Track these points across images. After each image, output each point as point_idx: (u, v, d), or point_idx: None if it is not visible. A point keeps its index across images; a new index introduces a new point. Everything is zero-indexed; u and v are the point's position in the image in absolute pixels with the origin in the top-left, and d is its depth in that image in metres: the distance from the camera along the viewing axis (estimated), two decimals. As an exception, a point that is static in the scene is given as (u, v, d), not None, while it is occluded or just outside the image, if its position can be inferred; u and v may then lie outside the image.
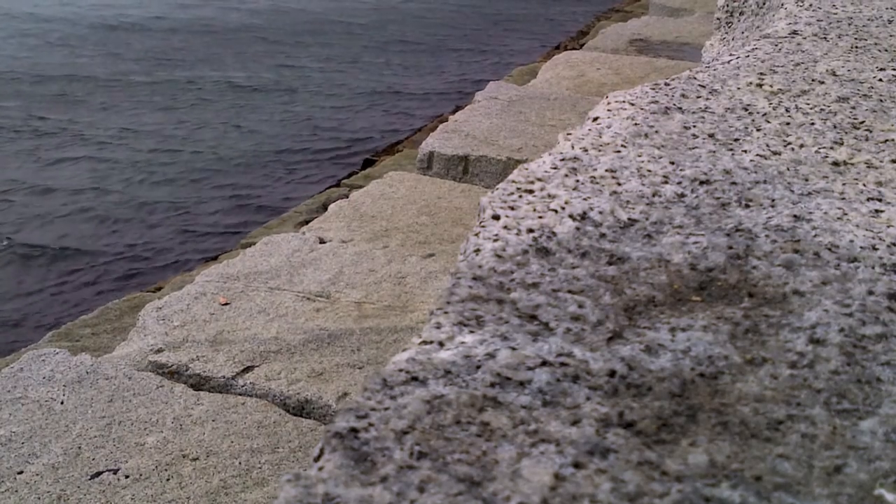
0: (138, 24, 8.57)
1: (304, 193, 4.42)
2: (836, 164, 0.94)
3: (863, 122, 1.07)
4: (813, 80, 1.22)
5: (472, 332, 0.60)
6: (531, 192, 0.82)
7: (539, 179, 0.85)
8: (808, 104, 1.12)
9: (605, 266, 0.70)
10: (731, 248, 0.74)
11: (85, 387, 2.11)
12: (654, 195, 0.83)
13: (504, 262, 0.69)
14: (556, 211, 0.78)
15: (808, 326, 0.63)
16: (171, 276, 3.30)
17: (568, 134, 0.98)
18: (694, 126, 1.02)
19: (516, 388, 0.54)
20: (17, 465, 1.86)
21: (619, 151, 0.93)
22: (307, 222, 3.26)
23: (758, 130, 1.02)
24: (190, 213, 4.36)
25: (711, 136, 1.00)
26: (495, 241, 0.72)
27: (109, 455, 1.89)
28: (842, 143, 0.99)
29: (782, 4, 1.73)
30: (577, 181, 0.85)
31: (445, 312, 0.62)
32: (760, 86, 1.18)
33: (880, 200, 0.85)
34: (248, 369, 2.22)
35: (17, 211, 4.34)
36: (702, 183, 0.86)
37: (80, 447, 1.91)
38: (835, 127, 1.04)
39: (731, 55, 1.36)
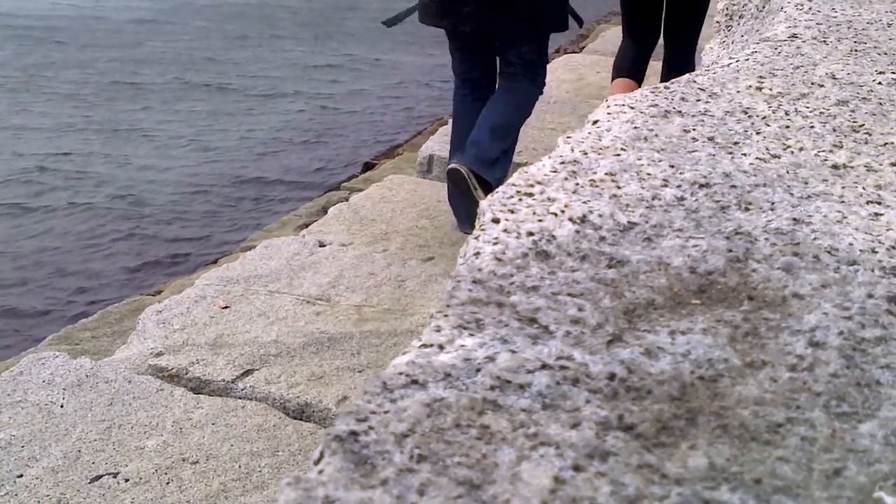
0: (101, 19, 8.57)
1: (303, 197, 4.42)
2: (835, 167, 0.94)
3: (862, 125, 1.07)
4: (812, 84, 1.22)
5: (471, 335, 0.60)
6: (531, 195, 0.82)
7: (539, 182, 0.85)
8: (808, 107, 1.12)
9: (605, 269, 0.70)
10: (730, 251, 0.74)
11: (85, 390, 2.11)
12: (653, 198, 0.83)
13: (504, 266, 0.69)
14: (555, 214, 0.78)
15: (808, 329, 0.63)
16: (172, 280, 3.31)
17: (567, 137, 0.98)
18: (693, 129, 1.02)
19: (516, 391, 0.54)
20: (16, 468, 1.86)
21: (618, 155, 0.93)
22: (307, 226, 3.27)
23: (757, 134, 1.02)
24: (190, 217, 4.37)
25: (711, 139, 1.00)
26: (495, 244, 0.73)
27: (109, 458, 1.89)
28: (841, 147, 1.00)
29: (782, 8, 1.73)
30: (577, 184, 0.85)
31: (445, 315, 0.62)
32: (760, 89, 1.18)
33: (880, 203, 0.85)
34: (247, 373, 2.22)
35: (14, 211, 4.34)
36: (701, 186, 0.86)
37: (79, 451, 1.91)
38: (834, 130, 1.05)
39: (730, 58, 1.36)
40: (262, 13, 9.35)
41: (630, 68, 3.63)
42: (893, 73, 1.29)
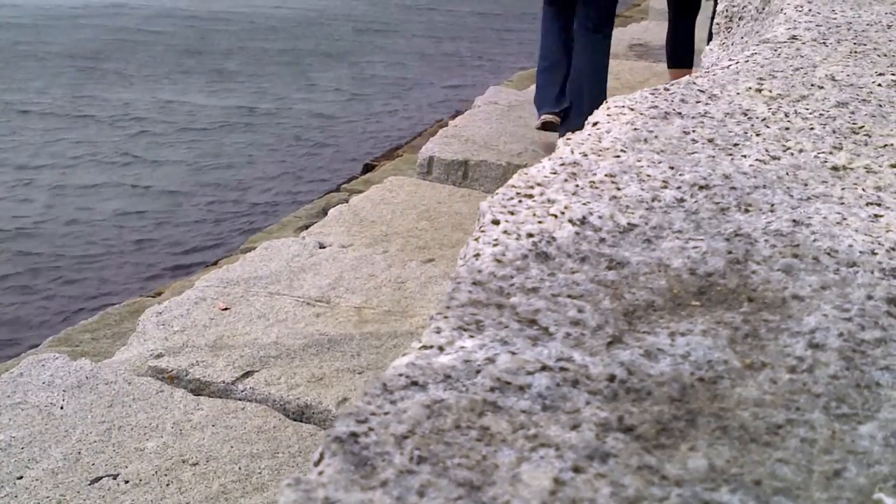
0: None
1: (303, 198, 4.42)
2: (835, 168, 0.94)
3: (862, 126, 1.07)
4: (812, 85, 1.22)
5: (471, 336, 0.60)
6: (531, 196, 0.82)
7: (539, 184, 0.85)
8: (808, 109, 1.12)
9: (605, 271, 0.70)
10: (730, 252, 0.74)
11: (85, 392, 2.11)
12: (653, 200, 0.83)
13: (504, 267, 0.69)
14: (555, 216, 0.78)
15: (808, 331, 0.63)
16: (172, 282, 3.31)
17: (567, 139, 0.98)
18: (693, 131, 1.02)
19: (516, 392, 0.54)
20: (16, 470, 1.86)
21: (618, 156, 0.93)
22: (307, 227, 3.27)
23: (757, 135, 1.02)
24: (190, 219, 4.37)
25: (711, 140, 1.00)
26: (495, 245, 0.73)
27: (109, 460, 1.89)
28: (841, 148, 1.00)
29: (782, 10, 1.73)
30: (577, 186, 0.85)
31: (445, 317, 0.62)
32: (760, 91, 1.19)
33: (879, 205, 0.85)
34: (247, 374, 2.22)
35: (16, 215, 4.34)
36: (701, 188, 0.86)
37: (79, 452, 1.91)
38: (834, 132, 1.05)
39: (730, 60, 1.36)
40: (258, 22, 9.36)
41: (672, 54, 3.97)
42: (893, 74, 1.29)
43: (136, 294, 3.24)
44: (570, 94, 3.63)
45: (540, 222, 0.77)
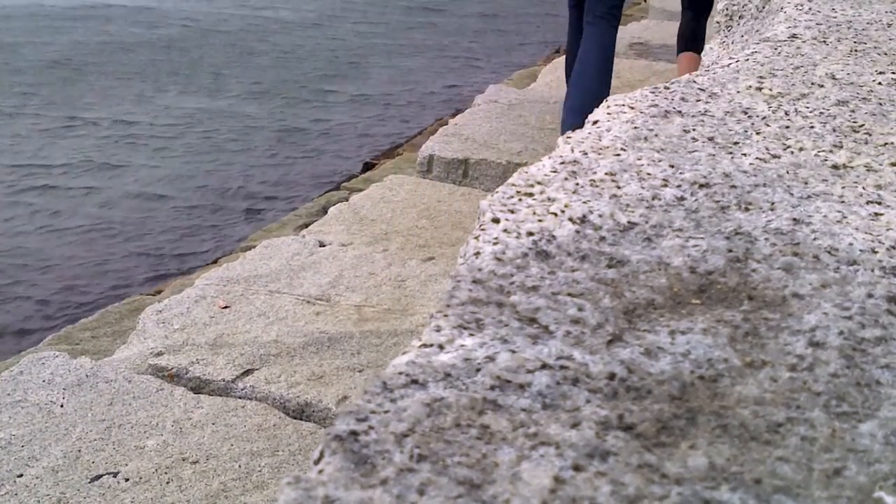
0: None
1: (303, 197, 4.42)
2: (835, 167, 0.94)
3: (862, 125, 1.07)
4: (812, 84, 1.22)
5: (471, 335, 0.60)
6: (531, 195, 0.82)
7: (539, 183, 0.85)
8: (808, 107, 1.12)
9: (605, 269, 0.70)
10: (730, 251, 0.74)
11: (85, 390, 2.11)
12: (653, 198, 0.83)
13: (504, 266, 0.69)
14: (555, 214, 0.78)
15: (808, 329, 0.63)
16: (172, 280, 3.31)
17: (568, 137, 0.98)
18: (693, 129, 1.02)
19: (516, 390, 0.54)
20: (16, 468, 1.86)
21: (618, 155, 0.93)
22: (307, 225, 3.27)
23: (757, 134, 1.02)
24: (190, 217, 4.37)
25: (711, 139, 1.00)
26: (495, 244, 0.73)
27: (109, 458, 1.89)
28: (841, 147, 1.00)
29: (782, 8, 1.73)
30: (577, 184, 0.85)
31: (445, 315, 0.62)
32: (760, 89, 1.18)
33: (879, 203, 0.85)
34: (247, 372, 2.22)
35: (10, 217, 4.34)
36: (701, 186, 0.86)
37: (79, 450, 1.91)
38: (834, 130, 1.05)
39: (730, 59, 1.36)
40: (255, 23, 9.36)
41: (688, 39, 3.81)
42: (893, 73, 1.29)
43: (136, 292, 3.24)
44: (572, 85, 3.48)
45: (540, 221, 0.77)
